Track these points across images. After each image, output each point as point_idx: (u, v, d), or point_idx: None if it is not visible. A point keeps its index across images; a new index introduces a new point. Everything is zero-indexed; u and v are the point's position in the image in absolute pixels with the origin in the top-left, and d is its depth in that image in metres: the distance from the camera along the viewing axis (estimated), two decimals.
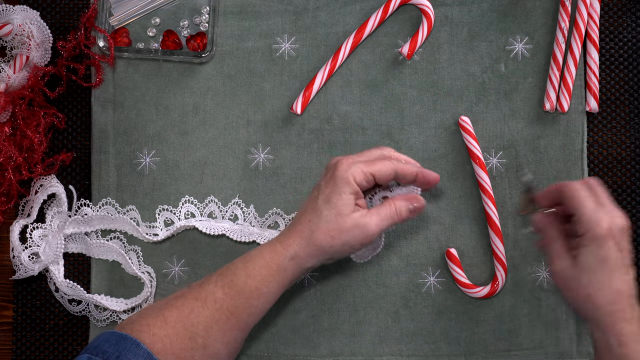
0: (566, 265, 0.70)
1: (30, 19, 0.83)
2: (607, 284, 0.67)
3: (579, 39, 0.84)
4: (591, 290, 0.68)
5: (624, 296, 0.67)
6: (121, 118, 0.86)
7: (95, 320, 0.84)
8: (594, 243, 0.68)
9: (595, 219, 0.68)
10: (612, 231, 0.68)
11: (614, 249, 0.68)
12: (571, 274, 0.69)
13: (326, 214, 0.71)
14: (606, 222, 0.68)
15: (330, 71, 0.85)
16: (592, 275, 0.68)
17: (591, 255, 0.68)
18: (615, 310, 0.67)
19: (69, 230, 0.83)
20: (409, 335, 0.84)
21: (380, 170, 0.72)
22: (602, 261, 0.67)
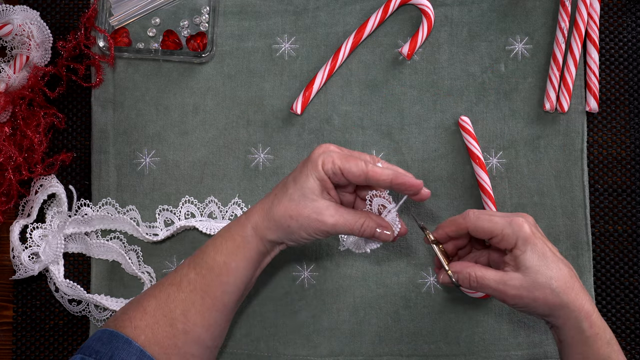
0: (519, 280, 0.69)
1: (30, 19, 0.83)
2: (558, 273, 0.69)
3: (579, 39, 0.84)
4: (555, 284, 0.68)
5: (574, 277, 0.70)
6: (121, 118, 0.86)
7: (95, 320, 0.84)
8: (527, 245, 0.69)
9: (514, 226, 0.69)
10: (531, 229, 0.70)
11: (543, 245, 0.70)
12: (528, 284, 0.69)
13: (291, 192, 0.69)
14: (524, 224, 0.69)
15: (330, 71, 0.85)
16: (542, 273, 0.69)
17: (532, 256, 0.69)
18: (576, 294, 0.69)
19: (69, 230, 0.83)
20: (409, 335, 0.84)
21: (350, 168, 0.69)
22: (543, 257, 0.69)
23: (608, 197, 0.86)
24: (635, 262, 0.86)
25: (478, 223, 0.71)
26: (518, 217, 0.70)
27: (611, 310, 0.85)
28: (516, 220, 0.70)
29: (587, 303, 0.69)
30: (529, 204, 0.85)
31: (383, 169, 0.69)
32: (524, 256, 0.69)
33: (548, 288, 0.69)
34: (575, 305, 0.69)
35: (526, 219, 0.70)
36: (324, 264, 0.85)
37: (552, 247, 0.71)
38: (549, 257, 0.69)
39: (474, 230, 0.71)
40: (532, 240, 0.69)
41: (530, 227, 0.70)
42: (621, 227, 0.86)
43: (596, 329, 0.69)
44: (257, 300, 0.85)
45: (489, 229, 0.70)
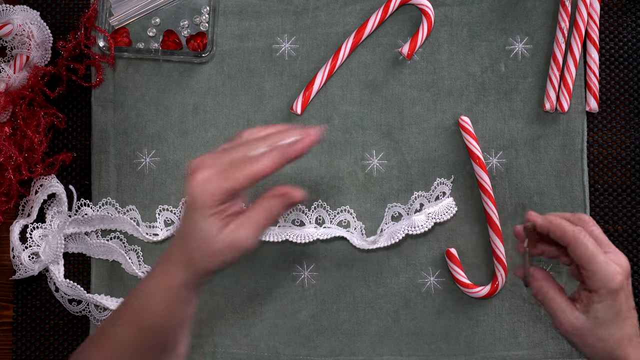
0: (579, 320, 0.68)
1: (30, 19, 0.83)
2: (620, 332, 0.67)
3: (579, 39, 0.84)
4: (609, 343, 0.67)
5: (632, 337, 0.68)
6: (121, 118, 0.86)
7: (95, 320, 0.84)
8: (609, 298, 0.67)
9: (608, 274, 0.66)
10: (623, 282, 0.67)
11: (625, 300, 0.67)
12: (587, 328, 0.68)
13: (196, 237, 0.64)
14: (619, 275, 0.67)
15: (330, 71, 0.85)
16: (607, 328, 0.67)
17: (607, 309, 0.67)
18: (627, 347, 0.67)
19: (69, 230, 0.83)
20: (409, 335, 0.84)
21: (238, 182, 0.64)
22: (617, 314, 0.67)
23: (608, 197, 0.86)
24: (635, 262, 0.86)
25: (578, 250, 0.68)
26: (617, 263, 0.67)
27: None
28: (613, 269, 0.67)
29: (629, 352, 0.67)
30: (529, 204, 0.85)
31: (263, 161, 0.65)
32: (598, 306, 0.67)
33: (605, 342, 0.67)
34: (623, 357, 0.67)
35: (623, 268, 0.67)
36: (324, 264, 0.85)
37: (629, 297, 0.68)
38: (622, 316, 0.67)
39: (573, 252, 0.68)
40: (616, 295, 0.67)
41: (623, 279, 0.67)
42: (621, 227, 0.86)
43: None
44: (257, 300, 0.85)
45: (586, 259, 0.67)
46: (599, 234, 0.69)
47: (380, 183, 0.85)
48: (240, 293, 0.85)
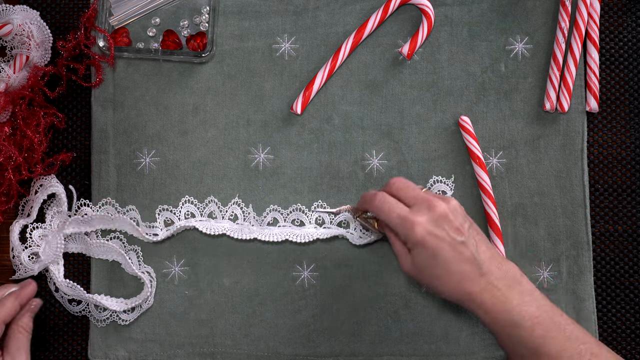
0: (409, 266, 0.72)
1: (30, 18, 0.83)
2: (447, 273, 0.70)
3: (579, 39, 0.84)
4: (436, 284, 0.71)
5: (467, 274, 0.70)
6: (121, 118, 0.86)
7: (95, 320, 0.84)
8: (416, 248, 0.71)
9: (406, 229, 0.71)
10: (428, 228, 0.70)
11: (438, 244, 0.70)
12: (415, 273, 0.72)
13: None
14: (418, 226, 0.70)
15: (330, 71, 0.85)
16: (430, 270, 0.71)
17: (421, 255, 0.71)
18: (466, 289, 0.70)
19: (69, 230, 0.83)
20: (409, 335, 0.84)
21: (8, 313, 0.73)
22: (433, 257, 0.70)
23: (608, 197, 0.86)
24: (635, 262, 0.86)
25: (378, 213, 0.73)
26: (414, 218, 0.70)
27: (611, 310, 0.85)
28: (410, 222, 0.71)
29: (478, 295, 0.70)
30: (529, 204, 0.85)
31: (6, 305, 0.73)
32: (412, 253, 0.72)
33: (430, 285, 0.72)
34: (461, 300, 0.71)
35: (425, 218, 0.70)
36: (324, 264, 0.85)
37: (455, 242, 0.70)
38: (439, 259, 0.70)
39: (377, 216, 0.74)
40: (422, 244, 0.70)
41: (425, 228, 0.70)
42: (621, 227, 0.86)
43: (494, 314, 0.69)
44: (257, 300, 0.85)
45: (386, 221, 0.73)
46: (405, 191, 0.74)
47: (381, 183, 0.85)
48: (240, 293, 0.85)
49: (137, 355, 0.84)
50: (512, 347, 0.70)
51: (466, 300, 0.71)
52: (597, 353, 0.69)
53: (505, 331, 0.70)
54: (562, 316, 0.71)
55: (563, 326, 0.70)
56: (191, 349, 0.84)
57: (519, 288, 0.71)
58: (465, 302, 0.71)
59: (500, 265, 0.72)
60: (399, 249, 0.74)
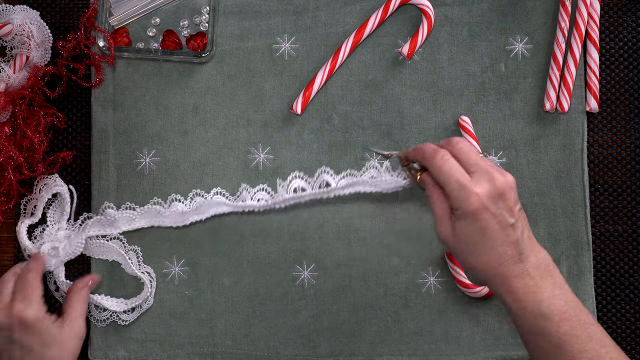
0: (448, 233, 0.70)
1: (30, 18, 0.83)
2: (489, 251, 0.68)
3: (579, 39, 0.84)
4: (472, 259, 0.69)
5: (507, 257, 0.68)
6: (121, 118, 0.86)
7: (95, 321, 0.84)
8: (468, 218, 0.68)
9: (462, 196, 0.68)
10: (484, 203, 0.67)
11: (490, 220, 0.68)
12: (453, 243, 0.70)
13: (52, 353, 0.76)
14: (475, 197, 0.67)
15: (330, 71, 0.85)
16: (472, 246, 0.68)
17: (469, 228, 0.68)
18: (501, 271, 0.68)
19: (92, 231, 0.83)
20: (409, 335, 0.84)
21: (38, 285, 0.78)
22: (481, 232, 0.68)
23: (608, 197, 0.86)
24: (635, 262, 0.86)
25: (435, 171, 0.70)
26: (473, 187, 0.68)
27: (611, 310, 0.85)
28: (468, 190, 0.68)
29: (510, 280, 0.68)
30: (529, 204, 0.85)
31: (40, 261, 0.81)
32: (459, 222, 0.69)
33: (465, 260, 0.69)
34: (494, 282, 0.69)
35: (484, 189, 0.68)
36: (324, 264, 0.85)
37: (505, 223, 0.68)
38: (488, 235, 0.68)
39: (432, 174, 0.70)
40: (474, 215, 0.67)
41: (481, 201, 0.67)
42: (621, 227, 0.86)
43: (523, 303, 0.68)
44: (257, 300, 0.85)
45: (442, 183, 0.69)
46: (467, 154, 0.70)
47: None
48: (240, 293, 0.85)
49: (137, 355, 0.84)
50: (534, 339, 0.69)
51: (497, 283, 0.69)
52: (615, 358, 0.68)
53: (532, 322, 0.68)
54: (588, 315, 0.69)
55: (587, 325, 0.69)
56: (191, 349, 0.84)
57: (551, 280, 0.69)
58: (494, 284, 0.69)
59: (538, 254, 0.70)
60: (440, 212, 0.70)
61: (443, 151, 0.70)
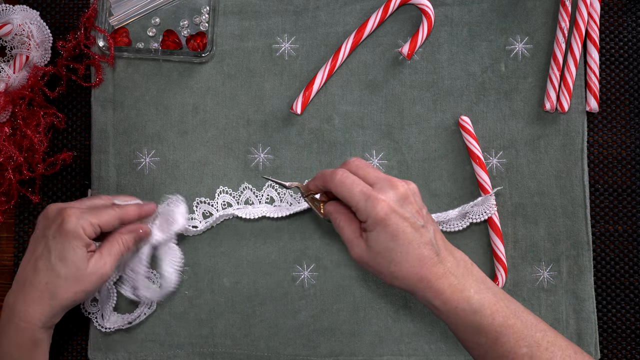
0: (362, 251, 0.70)
1: (30, 18, 0.83)
2: (406, 256, 0.69)
3: (579, 39, 0.84)
4: (394, 268, 0.69)
5: (426, 259, 0.69)
6: (121, 118, 0.86)
7: (99, 326, 0.84)
8: (376, 226, 0.69)
9: (370, 206, 0.69)
10: (392, 206, 0.69)
11: (400, 223, 0.69)
12: (370, 259, 0.70)
13: (65, 272, 0.72)
14: (382, 203, 0.68)
15: (330, 71, 0.85)
16: (389, 254, 0.69)
17: (381, 236, 0.69)
18: (424, 274, 0.69)
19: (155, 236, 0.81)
20: (409, 335, 0.84)
21: (108, 221, 0.75)
22: (394, 237, 0.68)
23: (608, 197, 0.86)
24: (635, 262, 0.86)
25: (339, 189, 0.71)
26: (378, 195, 0.69)
27: (611, 310, 0.85)
28: (374, 198, 0.69)
29: (436, 282, 0.68)
30: (529, 204, 0.85)
31: (128, 207, 0.77)
32: (370, 234, 0.69)
33: (386, 270, 0.69)
34: (419, 287, 0.69)
35: (389, 197, 0.69)
36: (324, 264, 0.85)
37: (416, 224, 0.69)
38: (399, 240, 0.68)
39: (335, 194, 0.72)
40: (384, 222, 0.68)
41: (389, 206, 0.68)
42: (621, 227, 0.86)
43: (453, 303, 0.68)
44: (257, 300, 0.85)
45: (347, 198, 0.70)
46: (365, 170, 0.72)
47: None
48: (240, 293, 0.85)
49: (137, 355, 0.84)
50: (472, 337, 0.69)
51: (423, 288, 0.69)
52: (553, 341, 0.68)
53: (465, 320, 0.68)
54: (517, 304, 0.70)
55: (519, 313, 0.69)
56: (191, 349, 0.84)
57: (472, 277, 0.70)
58: (421, 290, 0.69)
59: (455, 253, 0.71)
60: (350, 235, 0.72)
61: (342, 170, 0.72)
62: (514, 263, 0.84)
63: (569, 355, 0.68)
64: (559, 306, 0.84)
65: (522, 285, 0.84)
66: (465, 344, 0.70)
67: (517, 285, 0.84)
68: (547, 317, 0.84)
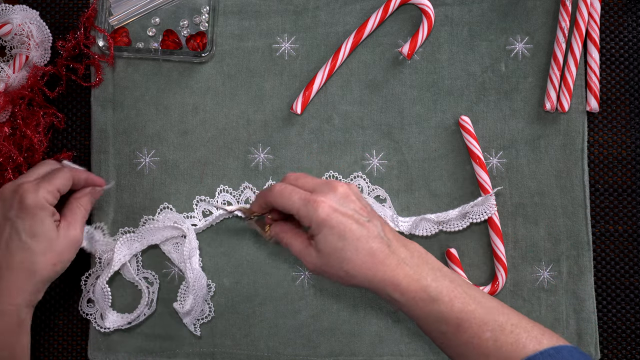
0: (313, 258, 0.70)
1: (30, 18, 0.83)
2: (358, 252, 0.68)
3: (579, 39, 0.84)
4: (348, 266, 0.69)
5: (377, 252, 0.69)
6: (121, 118, 0.86)
7: (98, 326, 0.83)
8: (322, 229, 0.69)
9: (310, 209, 0.69)
10: (333, 206, 0.69)
11: (344, 221, 0.69)
12: (323, 264, 0.70)
13: (39, 247, 0.72)
14: (323, 204, 0.69)
15: (330, 71, 0.85)
16: (340, 253, 0.69)
17: (328, 237, 0.69)
18: (379, 268, 0.68)
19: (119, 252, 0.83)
20: (409, 335, 0.84)
21: (62, 183, 0.74)
22: (342, 236, 0.68)
23: (609, 197, 0.86)
24: (635, 262, 0.86)
25: (279, 200, 0.71)
26: (317, 197, 0.69)
27: (611, 310, 0.85)
28: (314, 201, 0.69)
29: (392, 274, 0.68)
30: (529, 204, 0.85)
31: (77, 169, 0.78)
32: (317, 238, 0.69)
33: (341, 270, 0.69)
34: (375, 282, 0.68)
35: (328, 198, 0.69)
36: None
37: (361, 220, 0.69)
38: (348, 239, 0.68)
39: (277, 206, 0.72)
40: (329, 222, 0.68)
41: (330, 206, 0.69)
42: (622, 227, 0.86)
43: (412, 293, 0.68)
44: (257, 300, 0.85)
45: (289, 207, 0.71)
46: (304, 179, 0.73)
47: (380, 183, 0.85)
48: (240, 293, 0.85)
49: (137, 355, 0.84)
50: (434, 326, 0.68)
51: (379, 282, 0.68)
52: (517, 324, 0.68)
53: (425, 310, 0.68)
54: (474, 289, 0.70)
55: (479, 298, 0.69)
56: (191, 349, 0.84)
57: (428, 265, 0.70)
58: (378, 285, 0.69)
59: (407, 245, 0.71)
60: (300, 247, 0.72)
61: (279, 183, 0.73)
62: (514, 263, 0.84)
63: (535, 337, 0.67)
64: (559, 306, 0.84)
65: (522, 286, 0.84)
66: (430, 334, 0.70)
67: (517, 285, 0.84)
68: (547, 317, 0.84)
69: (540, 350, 0.66)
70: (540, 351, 0.66)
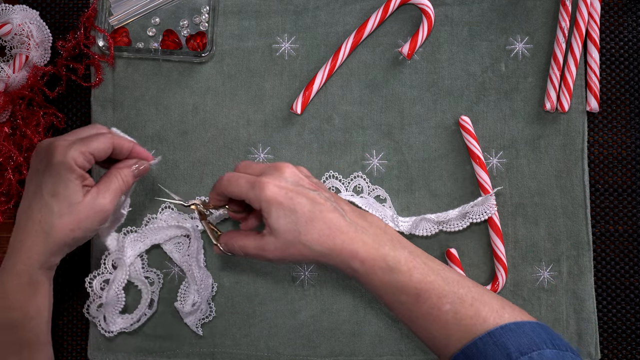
0: (271, 244, 0.69)
1: (30, 18, 0.83)
2: (313, 224, 0.68)
3: (579, 39, 0.84)
4: (305, 239, 0.68)
5: (333, 220, 0.68)
6: (121, 118, 0.86)
7: (102, 329, 0.83)
8: (271, 207, 0.68)
9: (257, 190, 0.68)
10: (279, 184, 0.68)
11: (293, 197, 0.68)
12: (280, 244, 0.69)
13: (58, 207, 0.67)
14: (268, 184, 0.68)
15: (330, 71, 0.85)
16: (295, 227, 0.68)
17: (280, 216, 0.68)
18: (337, 237, 0.68)
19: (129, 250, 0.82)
20: (409, 335, 0.84)
21: (99, 147, 0.69)
22: (293, 211, 0.68)
23: (609, 197, 0.86)
24: (635, 262, 0.86)
25: (229, 188, 0.71)
26: (263, 179, 0.68)
27: (611, 310, 0.85)
28: (259, 182, 0.68)
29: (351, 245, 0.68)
30: (529, 204, 0.85)
31: (123, 138, 0.72)
32: (270, 219, 0.68)
33: (299, 244, 0.68)
34: (335, 251, 0.68)
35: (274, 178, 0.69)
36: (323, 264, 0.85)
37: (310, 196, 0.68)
38: (298, 212, 0.68)
39: (228, 194, 0.71)
40: (276, 200, 0.68)
41: (276, 184, 0.68)
42: (622, 227, 0.86)
43: (370, 262, 0.68)
44: (257, 300, 0.85)
45: (237, 193, 0.70)
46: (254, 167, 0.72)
47: (380, 183, 0.85)
48: (240, 293, 0.85)
49: (137, 355, 0.84)
50: (393, 297, 0.68)
51: (338, 252, 0.68)
52: (478, 297, 0.67)
53: (384, 280, 0.68)
54: (435, 261, 0.70)
55: (439, 270, 0.68)
56: (191, 349, 0.84)
57: (386, 236, 0.69)
58: (337, 255, 0.68)
59: (365, 216, 0.71)
60: (252, 243, 0.70)
61: (229, 172, 0.72)
62: (514, 263, 0.84)
63: (496, 310, 0.67)
64: (559, 306, 0.84)
65: (523, 286, 0.84)
66: (390, 305, 0.69)
67: (517, 285, 0.84)
68: (547, 317, 0.84)
69: (500, 324, 0.66)
70: (501, 325, 0.66)
